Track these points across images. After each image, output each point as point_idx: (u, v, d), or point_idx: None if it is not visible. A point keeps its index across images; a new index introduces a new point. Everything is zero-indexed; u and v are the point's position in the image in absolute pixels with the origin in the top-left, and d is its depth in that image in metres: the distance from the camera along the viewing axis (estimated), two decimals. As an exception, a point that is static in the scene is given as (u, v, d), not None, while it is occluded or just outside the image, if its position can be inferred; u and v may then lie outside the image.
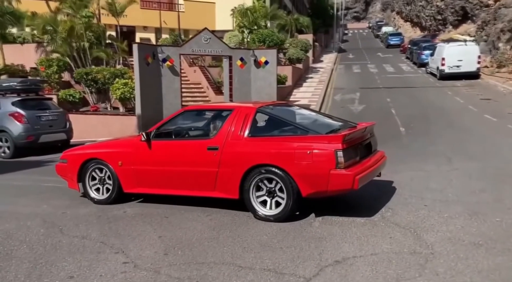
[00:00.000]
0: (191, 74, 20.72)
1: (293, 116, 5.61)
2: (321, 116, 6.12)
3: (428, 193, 6.04)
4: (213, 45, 15.24)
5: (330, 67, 30.42)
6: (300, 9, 50.83)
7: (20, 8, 21.28)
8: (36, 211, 5.78)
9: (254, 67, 16.22)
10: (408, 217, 5.03)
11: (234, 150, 5.11)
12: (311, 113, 6.15)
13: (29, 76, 19.22)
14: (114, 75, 15.79)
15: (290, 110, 6.06)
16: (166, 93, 14.51)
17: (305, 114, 5.94)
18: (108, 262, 3.93)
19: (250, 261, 3.90)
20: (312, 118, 5.82)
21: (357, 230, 4.67)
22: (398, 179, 6.83)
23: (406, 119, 14.22)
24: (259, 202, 5.07)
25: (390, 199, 5.77)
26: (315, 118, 5.85)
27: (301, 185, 4.81)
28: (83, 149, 6.25)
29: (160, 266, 3.83)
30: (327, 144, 4.74)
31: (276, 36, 21.94)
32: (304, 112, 6.08)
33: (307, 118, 5.75)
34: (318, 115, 6.16)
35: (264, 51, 16.82)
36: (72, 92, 15.69)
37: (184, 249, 4.23)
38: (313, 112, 6.34)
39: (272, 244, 4.33)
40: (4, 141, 11.89)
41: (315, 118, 5.82)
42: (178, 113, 5.77)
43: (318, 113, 6.36)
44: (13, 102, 11.92)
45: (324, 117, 6.08)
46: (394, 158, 8.73)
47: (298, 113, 5.92)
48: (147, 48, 14.31)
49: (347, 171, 4.69)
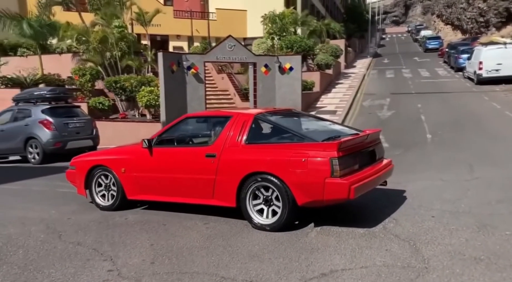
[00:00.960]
0: (219, 81, 20.89)
1: (293, 124, 5.50)
2: (325, 124, 5.97)
3: (439, 203, 5.76)
4: (238, 52, 15.29)
5: (363, 72, 29.90)
6: (334, 15, 50.45)
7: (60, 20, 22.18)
8: (43, 216, 5.93)
9: (278, 73, 16.15)
10: (411, 229, 4.81)
11: (231, 157, 5.06)
12: (315, 121, 6.01)
13: (66, 85, 19.98)
14: (140, 83, 16.13)
15: (291, 117, 5.96)
16: (191, 101, 14.66)
17: (307, 122, 5.82)
18: (94, 269, 3.95)
19: (234, 272, 3.82)
20: (314, 125, 5.69)
21: (354, 241, 4.49)
22: (412, 188, 6.57)
23: (435, 126, 13.72)
24: (256, 210, 4.98)
25: (397, 209, 5.54)
26: (316, 125, 5.72)
27: (297, 194, 4.70)
28: (91, 156, 6.38)
29: (143, 275, 3.81)
30: (322, 151, 4.61)
31: (304, 42, 21.78)
32: (307, 119, 5.96)
33: (308, 126, 5.62)
34: (322, 123, 6.01)
35: (289, 58, 16.72)
36: (101, 100, 16.14)
37: (172, 257, 4.20)
38: (318, 119, 6.20)
39: (262, 254, 4.23)
40: (34, 147, 12.36)
41: (316, 126, 5.69)
42: (179, 121, 5.78)
43: (323, 120, 6.20)
44: (43, 110, 12.38)
45: (328, 124, 5.92)
46: (413, 166, 8.47)
47: (300, 120, 5.80)
48: (172, 56, 14.53)
49: (342, 179, 4.53)
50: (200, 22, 32.12)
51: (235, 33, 32.67)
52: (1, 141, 12.79)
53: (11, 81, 19.10)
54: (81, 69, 18.35)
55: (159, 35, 30.35)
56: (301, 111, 6.56)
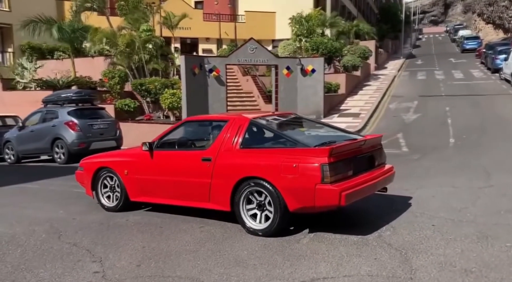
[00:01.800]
0: (244, 84, 20.99)
1: (289, 129, 5.46)
2: (325, 129, 5.89)
3: (444, 211, 5.58)
4: (259, 55, 15.33)
5: (393, 74, 29.32)
6: (367, 15, 49.70)
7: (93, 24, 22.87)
8: (51, 216, 6.13)
9: (300, 75, 16.08)
10: (407, 237, 4.68)
11: (225, 161, 5.08)
12: (315, 126, 5.95)
13: (97, 87, 20.59)
14: (164, 85, 16.42)
15: (290, 122, 5.91)
16: (212, 103, 14.82)
17: (306, 127, 5.76)
18: (81, 270, 4.06)
19: (214, 278, 3.83)
20: (312, 130, 5.63)
21: (344, 249, 4.42)
22: (420, 195, 6.41)
23: (460, 130, 13.31)
24: (249, 215, 4.98)
25: (397, 217, 5.41)
26: (315, 130, 5.66)
27: (288, 199, 4.67)
28: (98, 158, 6.54)
29: (126, 277, 3.88)
30: (313, 157, 4.56)
31: (330, 44, 21.56)
32: (307, 124, 5.90)
33: (307, 131, 5.57)
34: (322, 128, 5.94)
35: (311, 59, 16.62)
36: (127, 102, 16.53)
37: (159, 261, 4.26)
38: (318, 124, 6.12)
39: (248, 260, 4.22)
40: (60, 148, 12.80)
41: (315, 131, 5.63)
42: (179, 124, 5.86)
43: (324, 125, 6.12)
44: (69, 111, 12.81)
45: (328, 130, 5.84)
46: (427, 172, 8.24)
47: (300, 125, 5.76)
48: (194, 59, 14.74)
49: (333, 186, 4.46)
50: (229, 25, 32.36)
51: (263, 36, 32.85)
52: (31, 141, 13.33)
53: (45, 83, 19.85)
54: (111, 71, 18.86)
55: (189, 38, 30.80)
56: (303, 116, 6.49)
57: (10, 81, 21.17)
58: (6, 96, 20.81)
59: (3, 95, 20.99)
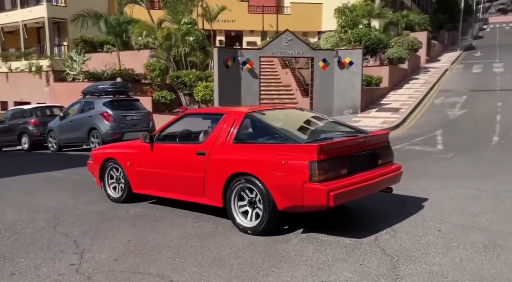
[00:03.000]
0: (283, 76, 20.70)
1: (286, 123, 5.19)
2: (329, 124, 5.56)
3: (457, 216, 5.13)
4: (294, 47, 15.00)
5: (445, 67, 27.83)
6: (422, 5, 47.55)
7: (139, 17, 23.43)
8: (59, 204, 6.27)
9: (337, 68, 15.58)
10: (405, 243, 4.32)
11: (218, 156, 4.93)
12: (319, 121, 5.63)
13: (141, 79, 21.12)
14: (199, 78, 16.48)
15: (291, 116, 5.64)
16: (245, 96, 14.69)
17: (309, 122, 5.48)
18: (58, 262, 4.06)
19: (186, 277, 3.69)
20: (313, 126, 5.34)
21: (332, 252, 4.14)
22: (437, 197, 5.95)
23: (508, 128, 12.34)
24: (241, 212, 4.80)
25: (403, 219, 5.03)
26: (316, 126, 5.36)
27: (277, 197, 4.44)
28: (106, 148, 6.59)
29: (98, 271, 3.82)
30: (302, 154, 4.30)
31: (374, 35, 20.74)
32: (311, 119, 5.61)
33: (308, 126, 5.29)
34: (326, 124, 5.61)
35: (349, 52, 16.04)
36: (164, 94, 16.77)
37: (138, 256, 4.18)
38: (323, 120, 5.78)
39: (228, 259, 4.06)
40: (95, 137, 13.20)
41: (316, 127, 5.33)
42: (179, 117, 5.77)
43: (331, 120, 5.78)
44: (104, 103, 13.16)
45: (332, 125, 5.51)
46: (454, 172, 7.66)
47: (301, 120, 5.48)
48: (227, 52, 14.66)
49: (321, 185, 4.19)
50: (274, 17, 32.06)
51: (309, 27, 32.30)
52: (70, 130, 13.87)
53: (91, 75, 20.63)
54: (152, 64, 19.23)
55: (233, 31, 30.84)
56: (309, 110, 6.19)
57: (61, 73, 22.21)
58: (57, 87, 21.88)
59: (54, 86, 22.09)
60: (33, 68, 22.76)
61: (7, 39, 34.63)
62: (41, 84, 22.71)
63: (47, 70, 23.06)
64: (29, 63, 23.77)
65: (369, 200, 5.75)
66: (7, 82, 25.94)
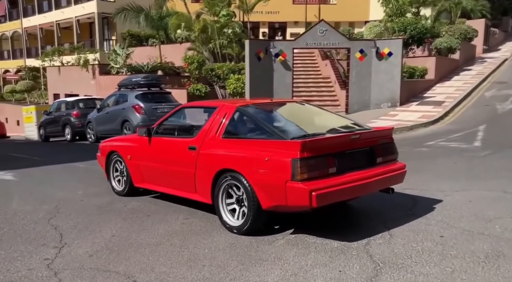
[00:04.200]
0: (323, 68, 20.16)
1: (279, 118, 4.91)
2: (330, 120, 5.19)
3: (468, 220, 4.64)
4: (329, 38, 14.48)
5: (505, 56, 25.90)
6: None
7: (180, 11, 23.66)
8: (66, 196, 6.35)
9: (375, 59, 14.88)
10: (399, 249, 3.94)
11: (208, 151, 4.74)
12: (319, 116, 5.28)
13: (181, 72, 21.33)
14: (231, 70, 16.34)
15: (288, 110, 5.31)
16: (277, 88, 14.39)
17: (308, 117, 5.15)
18: (35, 256, 4.02)
19: (150, 277, 3.53)
20: (311, 121, 5.01)
21: (314, 256, 3.85)
22: (453, 199, 5.46)
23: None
24: (229, 210, 4.60)
25: (406, 222, 4.62)
26: (314, 121, 5.03)
27: (260, 196, 4.20)
28: (112, 141, 6.58)
29: (68, 268, 3.74)
30: (285, 151, 4.02)
31: (421, 24, 19.65)
32: (311, 114, 5.28)
33: (305, 121, 4.97)
34: (326, 118, 5.24)
35: (388, 42, 15.26)
36: (199, 87, 16.80)
37: (114, 252, 4.08)
38: (327, 113, 5.42)
39: (202, 260, 3.87)
40: (128, 129, 13.45)
41: (313, 122, 5.00)
42: (176, 110, 5.63)
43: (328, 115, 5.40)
44: (136, 95, 13.39)
45: (332, 120, 5.14)
46: (485, 171, 7.03)
47: (299, 114, 5.16)
48: (259, 44, 14.41)
49: (303, 184, 3.89)
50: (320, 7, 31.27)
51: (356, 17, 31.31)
52: (106, 122, 14.24)
53: (133, 69, 21.07)
54: (190, 57, 19.33)
55: (277, 23, 30.45)
56: (312, 104, 5.83)
57: (106, 67, 22.89)
58: (101, 80, 22.58)
59: (99, 79, 22.82)
60: (81, 62, 23.61)
61: (62, 35, 36.32)
62: (88, 77, 23.53)
63: (93, 63, 23.85)
64: (78, 57, 24.69)
65: (377, 200, 5.38)
66: (59, 76, 27.15)
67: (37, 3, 38.22)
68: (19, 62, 39.09)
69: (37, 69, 34.10)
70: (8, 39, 43.52)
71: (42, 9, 37.89)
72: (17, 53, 42.40)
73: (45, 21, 37.08)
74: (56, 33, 36.27)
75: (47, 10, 37.06)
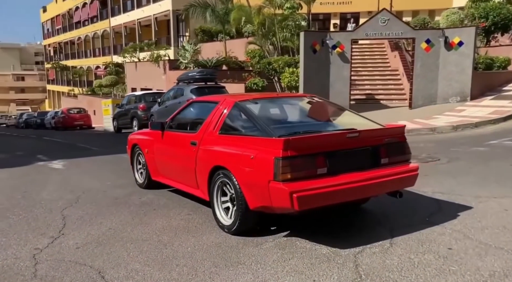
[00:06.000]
0: (392, 60, 19.08)
1: (277, 114, 4.62)
2: (336, 115, 4.78)
3: (491, 233, 4.04)
4: (392, 27, 13.59)
5: None
6: None
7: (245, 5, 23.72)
8: (95, 186, 6.59)
9: (444, 49, 13.71)
10: (392, 260, 3.51)
11: (206, 147, 4.60)
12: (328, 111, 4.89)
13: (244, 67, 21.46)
14: (287, 64, 15.99)
15: (292, 106, 4.99)
16: (334, 81, 13.84)
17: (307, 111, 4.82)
18: (29, 244, 4.14)
19: (120, 274, 3.46)
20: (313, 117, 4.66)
21: (295, 262, 3.56)
22: (487, 207, 4.84)
23: None
24: (223, 208, 4.44)
25: (417, 230, 4.14)
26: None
27: (247, 195, 3.98)
28: (136, 134, 6.68)
29: (50, 259, 3.77)
30: (270, 149, 3.75)
31: (506, 9, 17.77)
32: (318, 109, 4.90)
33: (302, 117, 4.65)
34: (333, 113, 4.84)
35: (459, 30, 13.96)
36: (256, 81, 16.71)
37: (101, 246, 4.07)
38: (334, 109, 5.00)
39: (177, 259, 3.73)
40: (183, 123, 13.78)
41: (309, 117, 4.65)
42: (187, 105, 5.56)
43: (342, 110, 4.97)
44: (191, 90, 13.63)
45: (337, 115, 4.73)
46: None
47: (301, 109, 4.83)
48: (315, 35, 13.93)
49: (285, 185, 3.61)
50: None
51: (437, 4, 29.24)
52: (165, 115, 14.61)
53: (199, 64, 21.59)
54: (252, 51, 19.33)
55: (349, 13, 29.37)
56: (323, 99, 5.41)
57: (175, 62, 23.72)
58: (171, 75, 23.43)
59: (169, 74, 23.70)
60: (153, 58, 24.69)
61: (143, 32, 38.32)
62: (159, 72, 24.57)
63: (164, 59, 24.81)
64: (152, 53, 25.86)
65: (396, 204, 4.90)
66: (136, 71, 28.68)
67: (122, 3, 40.70)
68: (107, 59, 41.97)
69: (120, 65, 36.37)
70: (99, 37, 46.96)
71: (126, 9, 40.29)
72: (106, 50, 45.58)
73: (129, 20, 39.37)
74: (137, 30, 38.34)
75: (130, 9, 39.30)
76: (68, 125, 26.39)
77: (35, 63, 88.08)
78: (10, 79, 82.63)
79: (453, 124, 10.83)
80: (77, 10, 50.26)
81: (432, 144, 9.27)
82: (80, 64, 50.49)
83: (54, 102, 58.71)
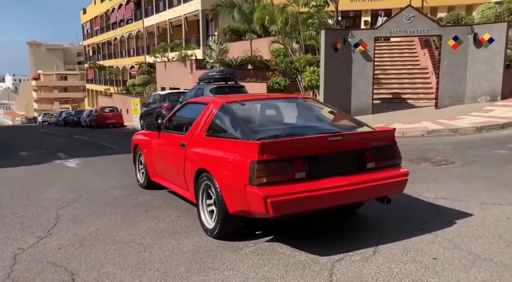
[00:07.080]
0: (421, 57, 18.46)
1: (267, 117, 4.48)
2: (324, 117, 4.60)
3: (485, 243, 3.79)
4: (417, 24, 13.12)
5: None
6: None
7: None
8: (98, 185, 6.67)
9: (473, 47, 13.10)
10: (369, 270, 3.34)
11: (192, 149, 4.54)
12: (321, 115, 4.71)
13: (269, 65, 21.32)
14: (308, 63, 15.71)
15: (287, 107, 4.83)
16: (356, 80, 13.50)
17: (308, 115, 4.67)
18: (15, 243, 4.20)
19: (92, 277, 3.43)
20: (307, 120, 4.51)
21: (268, 269, 3.44)
22: (488, 215, 4.57)
23: None
24: (208, 211, 4.36)
25: (406, 238, 3.94)
26: (299, 119, 4.52)
27: (227, 199, 3.89)
28: (137, 135, 6.69)
29: (29, 259, 3.80)
30: (247, 152, 3.64)
31: (544, 4, 16.83)
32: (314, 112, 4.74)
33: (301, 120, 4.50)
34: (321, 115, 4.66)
35: (489, 26, 13.29)
36: (278, 80, 16.52)
37: (82, 247, 4.06)
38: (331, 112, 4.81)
39: (152, 263, 3.66)
40: (203, 122, 13.81)
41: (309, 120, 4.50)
42: (182, 106, 5.52)
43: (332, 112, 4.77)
44: (211, 89, 13.63)
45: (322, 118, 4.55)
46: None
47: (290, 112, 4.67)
48: (336, 33, 13.63)
49: (259, 189, 3.49)
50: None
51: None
52: (187, 115, 14.81)
53: (224, 63, 21.61)
54: (277, 50, 19.16)
55: (381, 10, 28.59)
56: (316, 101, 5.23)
57: (202, 61, 23.86)
58: (197, 74, 23.52)
59: (196, 74, 23.83)
60: (180, 57, 24.93)
61: (174, 32, 38.80)
62: (187, 72, 24.77)
63: (191, 59, 25.00)
64: (180, 53, 26.12)
65: (392, 209, 4.69)
66: (165, 71, 29.05)
67: (155, 3, 41.36)
68: (141, 59, 42.76)
69: (152, 65, 36.98)
70: (133, 38, 47.94)
71: (158, 9, 40.92)
72: (139, 50, 46.47)
73: (161, 20, 39.95)
74: (169, 30, 38.86)
75: (162, 9, 39.87)
76: (101, 123, 27.10)
77: (77, 63, 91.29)
78: (54, 78, 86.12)
79: (477, 125, 10.31)
80: (114, 11, 51.52)
81: (450, 146, 8.86)
82: (116, 64, 51.75)
83: (92, 101, 60.49)
